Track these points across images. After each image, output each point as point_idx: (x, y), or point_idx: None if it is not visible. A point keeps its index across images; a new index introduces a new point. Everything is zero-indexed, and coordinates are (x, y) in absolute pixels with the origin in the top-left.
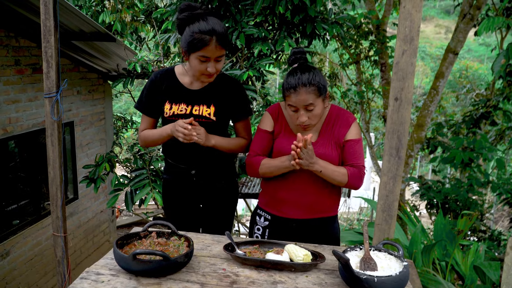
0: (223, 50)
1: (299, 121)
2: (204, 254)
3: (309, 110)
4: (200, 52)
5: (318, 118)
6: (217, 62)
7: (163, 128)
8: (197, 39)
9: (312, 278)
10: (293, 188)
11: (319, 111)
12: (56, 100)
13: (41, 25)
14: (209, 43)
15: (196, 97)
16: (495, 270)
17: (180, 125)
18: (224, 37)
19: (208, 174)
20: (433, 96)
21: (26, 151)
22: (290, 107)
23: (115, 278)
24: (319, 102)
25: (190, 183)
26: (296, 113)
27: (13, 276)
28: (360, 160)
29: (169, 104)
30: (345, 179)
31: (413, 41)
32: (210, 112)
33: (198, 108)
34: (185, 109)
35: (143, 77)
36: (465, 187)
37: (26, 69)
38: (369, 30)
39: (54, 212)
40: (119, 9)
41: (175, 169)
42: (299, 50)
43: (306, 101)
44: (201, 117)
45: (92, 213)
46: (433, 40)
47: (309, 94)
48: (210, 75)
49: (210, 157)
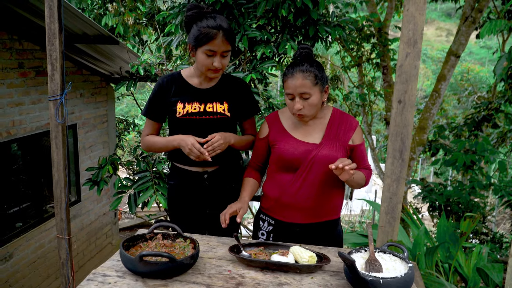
0: (229, 45)
1: (294, 109)
2: (209, 255)
3: (305, 98)
4: (207, 46)
5: (314, 109)
6: (223, 57)
7: (169, 139)
8: (204, 33)
9: (317, 280)
10: (296, 193)
11: (315, 101)
12: (60, 103)
13: (46, 28)
14: (215, 37)
15: (208, 95)
16: (499, 272)
17: (196, 147)
18: (230, 33)
19: (220, 176)
20: (435, 98)
21: (29, 154)
22: (288, 96)
23: (122, 280)
24: (316, 91)
25: (201, 186)
26: (292, 101)
27: (16, 278)
28: (368, 163)
29: (182, 104)
30: (363, 181)
31: (417, 44)
32: (225, 108)
33: (211, 105)
34: (198, 107)
35: (145, 79)
36: (467, 190)
37: (29, 72)
38: (371, 33)
39: (58, 215)
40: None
41: (185, 174)
42: (305, 46)
43: (301, 87)
44: (216, 113)
45: (95, 215)
46: (435, 43)
47: (305, 79)
48: (217, 70)
49: (223, 158)
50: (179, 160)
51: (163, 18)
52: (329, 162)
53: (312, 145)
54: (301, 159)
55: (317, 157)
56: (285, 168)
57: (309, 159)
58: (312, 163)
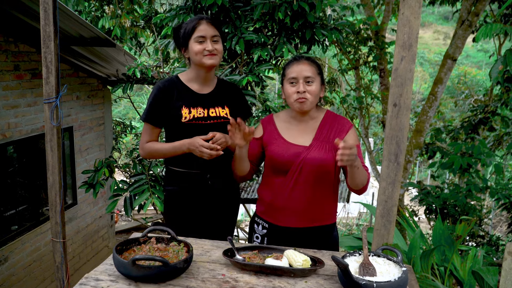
0: (216, 30)
1: (298, 92)
2: (203, 259)
3: (308, 83)
4: (195, 34)
5: (314, 97)
6: (214, 42)
7: (175, 145)
8: (188, 25)
9: (311, 284)
10: (290, 197)
11: (316, 89)
12: (55, 106)
13: (41, 30)
14: (199, 23)
15: (209, 100)
16: (494, 275)
17: (205, 146)
18: (213, 19)
19: (221, 175)
20: (432, 101)
21: (25, 157)
22: (290, 81)
23: (115, 284)
24: (318, 81)
25: (205, 187)
26: (294, 87)
27: (12, 282)
28: (365, 166)
29: (187, 109)
30: (365, 181)
31: (412, 47)
32: (227, 112)
33: (214, 110)
34: (203, 112)
35: (142, 82)
36: (463, 193)
37: (25, 74)
38: (368, 36)
39: (53, 218)
40: (118, 15)
41: (186, 177)
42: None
43: (307, 71)
44: (220, 118)
45: (91, 218)
46: (432, 46)
47: (310, 66)
48: (212, 54)
49: (221, 160)
50: (178, 165)
51: (160, 20)
52: (318, 164)
53: (302, 147)
54: (290, 161)
55: (306, 159)
56: (277, 170)
57: (298, 161)
58: (302, 165)
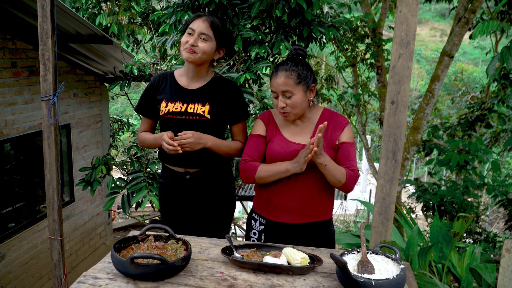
0: (210, 30)
1: (278, 108)
2: (201, 257)
3: (287, 97)
4: (189, 26)
5: (298, 108)
6: (202, 40)
7: (157, 136)
8: (188, 21)
9: (309, 281)
10: (287, 193)
11: (298, 100)
12: (53, 103)
13: (39, 27)
14: (197, 18)
15: (192, 96)
16: (491, 272)
17: (165, 140)
18: (214, 21)
19: (203, 178)
20: (429, 99)
21: (22, 154)
22: (273, 94)
23: (113, 282)
24: (299, 90)
25: (185, 187)
26: (277, 99)
27: (9, 279)
28: (355, 163)
29: (165, 103)
30: (343, 179)
31: (409, 45)
32: (205, 110)
33: (193, 106)
34: (180, 107)
35: (140, 79)
36: (460, 189)
37: (22, 72)
38: (365, 33)
39: (50, 215)
40: (116, 12)
41: (171, 173)
42: (299, 47)
43: (283, 86)
44: (196, 114)
45: (89, 216)
46: (429, 43)
47: (287, 78)
48: (191, 50)
49: (205, 161)
50: (165, 160)
51: (157, 17)
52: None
53: (300, 146)
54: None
55: None
56: None
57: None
58: None
